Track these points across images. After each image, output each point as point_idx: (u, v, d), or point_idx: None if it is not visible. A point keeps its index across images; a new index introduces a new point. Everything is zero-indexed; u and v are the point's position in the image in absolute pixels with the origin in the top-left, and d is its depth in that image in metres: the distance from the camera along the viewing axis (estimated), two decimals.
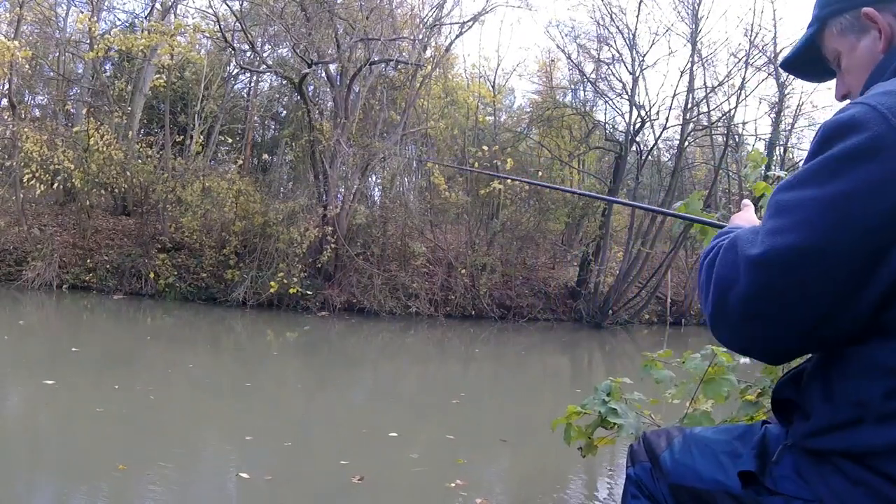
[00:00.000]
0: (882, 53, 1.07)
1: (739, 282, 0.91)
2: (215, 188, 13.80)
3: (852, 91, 1.15)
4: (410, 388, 7.92)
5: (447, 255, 14.66)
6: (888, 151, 0.85)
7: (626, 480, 1.37)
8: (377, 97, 15.42)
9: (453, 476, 3.93)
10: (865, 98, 0.92)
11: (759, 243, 0.91)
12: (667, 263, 15.06)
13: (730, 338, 0.97)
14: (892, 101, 0.88)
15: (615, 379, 2.04)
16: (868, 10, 1.08)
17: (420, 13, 15.69)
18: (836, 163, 0.88)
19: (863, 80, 1.11)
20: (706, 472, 1.12)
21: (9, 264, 12.88)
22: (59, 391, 5.62)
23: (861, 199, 0.85)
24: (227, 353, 9.24)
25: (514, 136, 17.05)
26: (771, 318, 0.90)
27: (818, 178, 0.89)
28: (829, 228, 0.86)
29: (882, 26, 1.07)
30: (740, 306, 0.91)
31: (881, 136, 0.86)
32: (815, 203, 0.88)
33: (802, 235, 0.87)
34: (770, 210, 0.94)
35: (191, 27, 13.57)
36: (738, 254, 0.93)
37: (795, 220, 0.88)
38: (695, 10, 14.77)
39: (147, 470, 3.76)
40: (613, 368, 9.60)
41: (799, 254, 0.87)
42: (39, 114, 17.17)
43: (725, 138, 15.46)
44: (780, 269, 0.88)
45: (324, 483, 3.99)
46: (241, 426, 5.03)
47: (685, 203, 2.43)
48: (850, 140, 0.88)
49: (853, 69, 1.14)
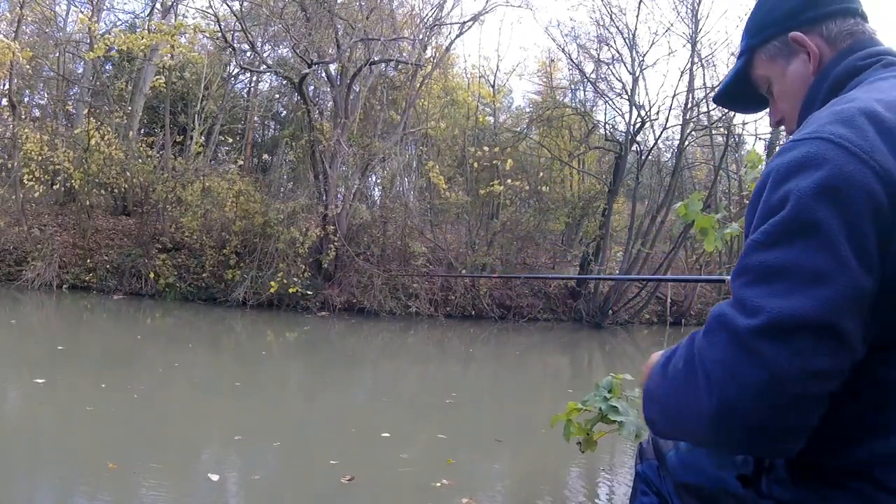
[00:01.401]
0: (813, 76, 1.07)
1: (748, 362, 0.80)
2: (215, 188, 13.80)
3: (786, 117, 1.15)
4: (409, 388, 7.92)
5: (447, 255, 14.66)
6: (856, 178, 0.82)
7: (635, 477, 1.40)
8: (377, 97, 15.44)
9: (441, 476, 3.93)
10: (813, 131, 0.88)
11: (755, 312, 0.81)
12: (667, 263, 15.07)
13: (751, 434, 0.81)
14: (843, 130, 0.85)
15: (616, 375, 2.05)
16: (795, 34, 1.08)
17: (420, 13, 15.71)
18: (807, 205, 0.82)
19: (796, 105, 1.10)
20: (710, 471, 1.13)
21: (9, 264, 12.88)
22: (50, 390, 5.61)
23: (849, 236, 0.80)
24: (226, 353, 9.24)
25: (514, 136, 17.05)
26: (801, 393, 0.79)
27: (796, 227, 0.83)
28: (837, 276, 0.80)
29: (810, 49, 1.06)
30: (758, 390, 0.78)
31: (843, 166, 0.82)
32: (811, 253, 0.81)
33: (816, 289, 0.79)
34: (752, 275, 0.85)
35: (191, 27, 13.55)
36: (730, 330, 0.82)
37: (799, 277, 0.81)
38: (695, 10, 14.78)
39: (136, 469, 3.76)
40: (613, 368, 9.56)
41: (820, 307, 0.79)
42: (39, 114, 17.18)
43: (725, 138, 15.45)
44: (802, 331, 0.79)
45: (310, 483, 3.99)
46: (234, 426, 5.02)
47: (685, 203, 2.44)
48: (814, 177, 0.83)
49: (786, 95, 1.12)
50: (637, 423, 1.85)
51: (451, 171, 16.39)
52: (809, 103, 1.06)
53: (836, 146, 0.84)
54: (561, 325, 14.32)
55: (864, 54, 1.04)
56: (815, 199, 0.82)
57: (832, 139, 0.85)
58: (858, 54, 1.04)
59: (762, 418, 0.79)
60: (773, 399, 0.79)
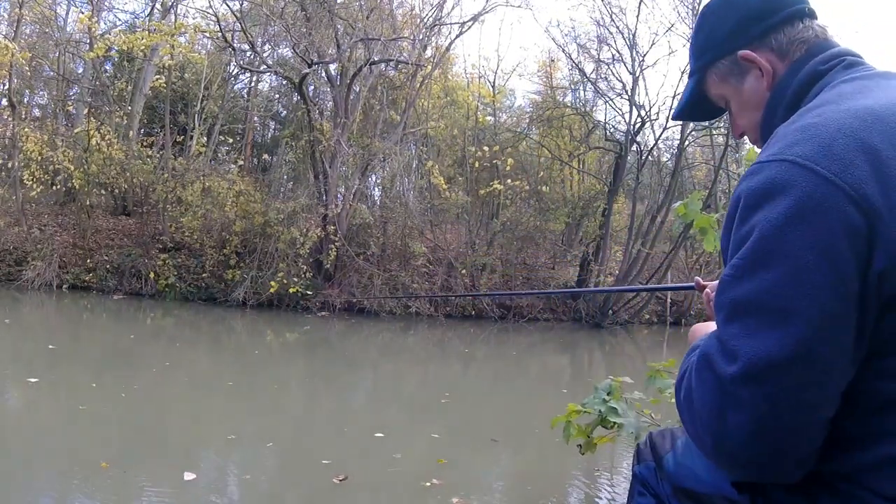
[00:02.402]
0: (768, 91, 1.05)
1: (731, 407, 0.82)
2: (215, 188, 13.79)
3: (747, 131, 1.13)
4: (407, 388, 7.91)
5: (447, 255, 14.66)
6: (825, 203, 0.79)
7: (632, 478, 1.40)
8: (377, 97, 15.43)
9: (430, 475, 3.91)
10: (779, 152, 0.85)
11: (733, 356, 0.82)
12: (667, 264, 15.07)
13: (741, 466, 0.86)
14: (806, 150, 0.82)
15: (615, 378, 2.04)
16: (744, 53, 1.06)
17: (420, 13, 15.71)
18: (774, 236, 0.80)
19: (755, 119, 1.09)
20: (706, 476, 1.12)
21: (9, 264, 12.89)
22: (41, 389, 5.58)
23: (819, 264, 0.78)
24: (225, 353, 9.23)
25: (514, 136, 17.05)
26: (786, 430, 0.81)
27: (763, 260, 0.81)
28: (805, 309, 0.78)
29: (761, 64, 1.04)
30: (745, 432, 0.81)
31: (811, 191, 0.79)
32: (777, 288, 0.79)
33: (783, 330, 0.78)
34: (725, 311, 0.85)
35: (191, 27, 13.55)
36: (715, 374, 0.84)
37: (765, 317, 0.80)
38: (695, 10, 14.75)
39: (127, 468, 3.76)
40: (613, 368, 9.59)
41: (789, 349, 0.78)
42: (39, 114, 17.20)
43: (725, 138, 15.43)
44: (774, 375, 0.79)
45: (301, 482, 3.99)
46: (229, 425, 5.00)
47: (684, 203, 2.43)
48: (781, 205, 0.80)
49: (743, 111, 1.11)
50: (636, 425, 1.85)
51: (451, 171, 16.39)
52: (770, 117, 1.04)
53: (802, 169, 0.81)
54: (561, 325, 14.32)
55: (825, 57, 1.01)
56: (781, 228, 0.80)
57: (797, 161, 0.81)
58: (818, 59, 1.01)
59: (753, 455, 0.83)
60: (760, 438, 0.81)
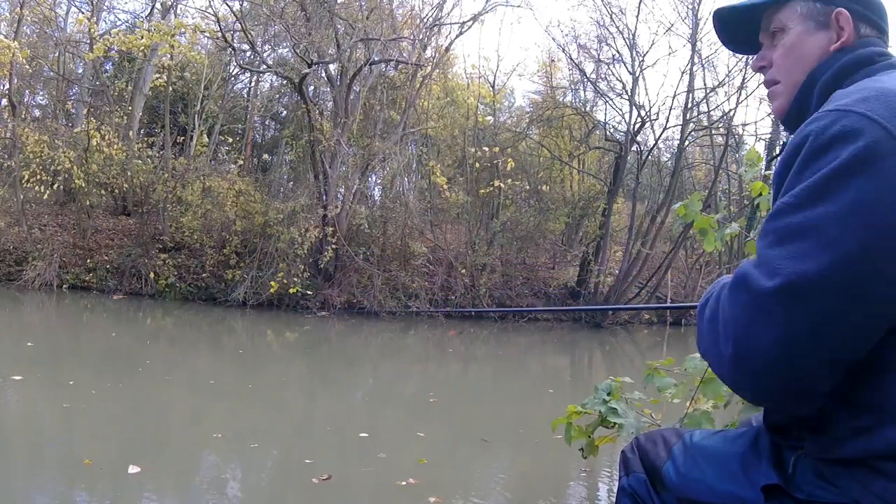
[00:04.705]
0: (833, 52, 1.07)
1: (763, 322, 0.85)
2: (215, 188, 13.79)
3: (778, 74, 1.13)
4: (405, 388, 7.91)
5: (447, 254, 14.66)
6: (892, 156, 0.84)
7: (618, 492, 1.27)
8: (377, 97, 15.42)
9: (408, 475, 3.90)
10: (849, 105, 0.90)
11: (776, 273, 0.85)
12: (667, 264, 15.07)
13: (758, 387, 0.89)
14: (877, 107, 0.87)
15: (615, 378, 2.04)
16: (842, 12, 1.07)
17: (420, 13, 15.71)
18: (840, 175, 0.85)
19: (799, 69, 1.09)
20: (718, 486, 1.08)
21: (9, 264, 12.88)
22: (27, 387, 5.56)
23: (880, 204, 0.83)
24: (225, 353, 9.23)
25: (514, 136, 17.05)
26: (813, 354, 0.84)
27: (826, 193, 0.85)
28: (860, 239, 0.82)
29: (847, 33, 1.07)
30: (774, 348, 0.84)
31: (880, 143, 0.85)
32: (835, 218, 0.84)
33: (834, 253, 0.82)
34: (776, 235, 0.88)
35: (191, 27, 13.55)
36: (751, 291, 0.87)
37: (817, 240, 0.84)
38: (695, 10, 14.77)
39: (111, 466, 3.76)
40: (613, 368, 9.59)
41: (836, 272, 0.82)
42: (39, 114, 17.19)
43: (725, 138, 15.45)
44: (817, 294, 0.82)
45: (277, 481, 4.00)
46: (216, 425, 5.00)
47: (684, 203, 2.43)
48: (849, 149, 0.85)
49: (794, 55, 1.11)
50: (636, 425, 1.85)
51: (451, 171, 16.39)
52: (821, 74, 1.07)
53: (873, 122, 0.86)
54: (561, 325, 14.33)
55: (879, 51, 1.06)
56: (848, 168, 0.85)
57: (868, 115, 0.87)
58: (875, 50, 1.06)
59: (778, 374, 0.85)
60: (789, 357, 0.84)
